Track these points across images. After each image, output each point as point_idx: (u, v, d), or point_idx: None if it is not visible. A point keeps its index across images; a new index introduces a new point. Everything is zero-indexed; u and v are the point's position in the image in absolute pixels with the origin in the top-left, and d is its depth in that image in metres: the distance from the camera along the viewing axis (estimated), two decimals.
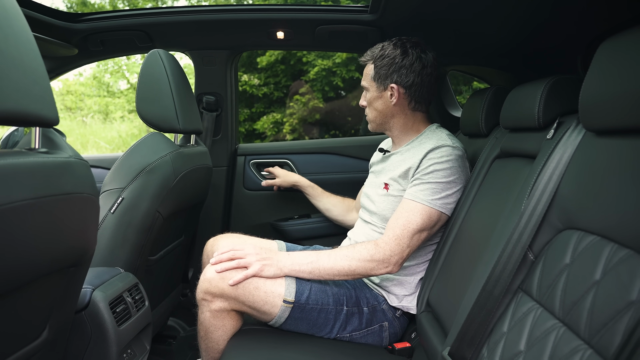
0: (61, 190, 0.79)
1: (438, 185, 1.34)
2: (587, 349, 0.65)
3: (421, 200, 1.33)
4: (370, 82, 1.48)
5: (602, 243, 0.71)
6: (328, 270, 1.31)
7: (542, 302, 0.80)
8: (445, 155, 1.36)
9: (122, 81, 12.12)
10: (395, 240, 1.31)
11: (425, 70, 1.42)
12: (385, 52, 1.43)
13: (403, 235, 1.31)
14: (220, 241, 1.66)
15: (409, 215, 1.33)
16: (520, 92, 1.23)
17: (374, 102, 1.48)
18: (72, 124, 10.40)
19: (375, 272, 1.32)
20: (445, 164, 1.35)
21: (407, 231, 1.32)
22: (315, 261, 1.32)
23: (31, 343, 0.88)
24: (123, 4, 11.33)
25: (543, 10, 1.25)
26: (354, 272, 1.31)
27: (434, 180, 1.34)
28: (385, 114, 1.49)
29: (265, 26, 1.87)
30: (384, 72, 1.43)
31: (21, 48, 0.71)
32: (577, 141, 0.88)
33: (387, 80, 1.43)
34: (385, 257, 1.30)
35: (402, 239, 1.31)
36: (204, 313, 1.35)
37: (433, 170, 1.35)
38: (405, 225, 1.32)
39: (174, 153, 1.51)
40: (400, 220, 1.33)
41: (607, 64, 0.77)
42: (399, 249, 1.31)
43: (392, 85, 1.43)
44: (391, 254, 1.30)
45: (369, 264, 1.30)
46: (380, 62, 1.43)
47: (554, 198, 0.87)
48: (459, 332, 0.96)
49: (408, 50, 1.42)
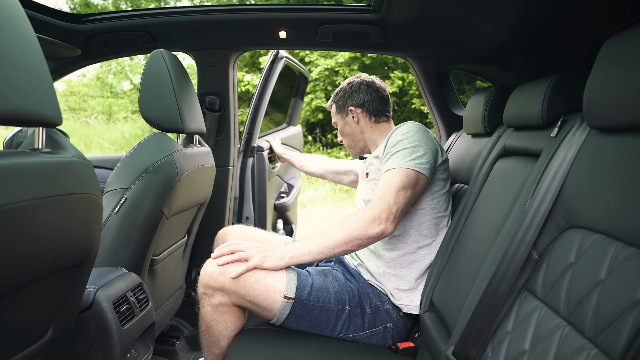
0: (65, 191, 0.79)
1: (405, 151, 1.42)
2: (593, 348, 0.65)
3: (394, 166, 1.40)
4: (336, 117, 1.75)
5: (607, 242, 0.70)
6: (326, 244, 1.34)
7: (547, 301, 0.79)
8: (405, 130, 1.48)
9: (125, 82, 12.17)
10: (380, 199, 1.36)
11: (370, 89, 1.68)
12: (337, 90, 1.74)
13: (386, 194, 1.36)
14: (231, 231, 1.73)
15: (388, 179, 1.39)
16: (524, 90, 1.22)
17: (344, 129, 1.73)
18: (75, 125, 10.43)
19: (370, 231, 1.33)
20: (406, 134, 1.46)
21: (389, 189, 1.36)
22: (312, 241, 1.36)
23: (35, 343, 0.88)
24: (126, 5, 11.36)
25: (546, 9, 1.25)
26: (349, 237, 1.33)
27: (401, 148, 1.43)
28: (355, 134, 1.71)
29: (267, 26, 1.87)
30: (342, 103, 1.71)
31: (25, 49, 0.71)
32: (582, 139, 0.88)
33: (346, 107, 1.70)
34: (375, 214, 1.33)
35: (385, 196, 1.36)
36: (205, 307, 1.36)
37: (397, 142, 1.45)
38: (387, 187, 1.37)
39: (177, 153, 1.51)
40: (381, 185, 1.39)
41: (612, 61, 0.76)
42: (385, 204, 1.34)
43: (350, 109, 1.68)
44: (379, 211, 1.33)
45: (362, 224, 1.33)
46: (337, 98, 1.73)
47: (558, 197, 0.86)
48: (463, 332, 0.95)
49: (353, 81, 1.71)
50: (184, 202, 1.62)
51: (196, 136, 1.81)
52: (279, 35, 1.89)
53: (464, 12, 1.46)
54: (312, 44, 1.95)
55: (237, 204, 2.42)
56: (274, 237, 1.74)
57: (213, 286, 1.32)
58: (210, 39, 2.00)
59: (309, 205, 6.07)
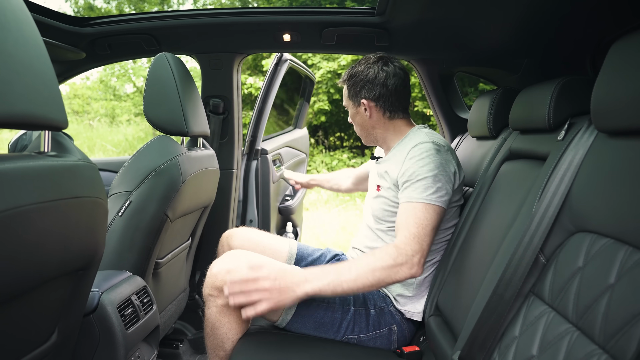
0: (70, 194, 0.79)
1: (427, 181, 1.33)
2: (602, 354, 0.64)
3: (418, 199, 1.32)
4: (347, 102, 1.58)
5: (616, 246, 0.70)
6: (352, 285, 1.23)
7: (555, 306, 0.79)
8: (424, 151, 1.37)
9: (128, 85, 12.20)
10: (414, 239, 1.27)
11: (389, 81, 1.47)
12: (353, 72, 1.52)
13: (420, 233, 1.28)
14: (235, 233, 1.72)
15: (416, 213, 1.31)
16: (530, 93, 1.22)
17: (354, 118, 1.58)
18: (79, 128, 10.47)
19: (400, 276, 1.25)
20: (425, 159, 1.35)
21: (423, 228, 1.29)
22: (336, 279, 1.23)
23: (40, 346, 0.88)
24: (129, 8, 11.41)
25: (551, 11, 1.24)
26: (378, 281, 1.24)
27: (422, 177, 1.34)
28: (366, 127, 1.56)
29: (271, 29, 1.87)
30: (354, 91, 1.52)
31: (31, 52, 0.71)
32: (589, 142, 0.87)
33: (358, 97, 1.52)
34: (408, 257, 1.25)
35: (420, 236, 1.28)
36: (211, 309, 1.36)
37: (416, 168, 1.35)
38: (419, 223, 1.29)
39: (181, 156, 1.51)
40: (410, 219, 1.31)
41: (621, 63, 0.76)
42: (419, 246, 1.27)
43: (363, 101, 1.50)
44: (413, 253, 1.26)
45: (393, 269, 1.24)
46: (350, 82, 1.53)
47: (565, 200, 0.86)
48: (470, 336, 0.95)
49: (370, 66, 1.49)
50: (188, 205, 1.62)
51: (200, 139, 1.81)
52: (283, 38, 1.90)
53: (468, 14, 1.45)
54: (316, 46, 1.95)
55: (240, 207, 2.42)
56: (279, 241, 1.73)
57: (219, 287, 1.32)
58: (215, 42, 2.00)
59: (312, 208, 6.07)
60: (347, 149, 9.35)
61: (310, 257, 1.71)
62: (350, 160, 8.74)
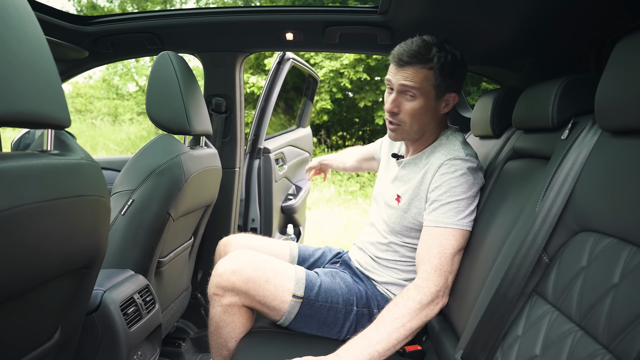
0: (73, 192, 0.79)
1: (459, 204, 1.24)
2: (606, 354, 0.64)
3: (447, 224, 1.24)
4: (427, 90, 1.27)
5: (619, 245, 0.69)
6: (388, 346, 1.14)
7: (558, 305, 0.78)
8: (459, 169, 1.26)
9: (131, 84, 12.23)
10: (435, 272, 1.21)
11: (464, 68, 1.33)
12: (446, 59, 1.26)
13: (442, 263, 1.22)
14: (233, 241, 1.68)
15: (441, 241, 1.23)
16: (533, 92, 1.21)
17: (423, 113, 1.30)
18: (81, 126, 10.50)
19: (431, 315, 1.20)
20: (460, 179, 1.25)
21: (445, 257, 1.22)
22: (369, 346, 1.13)
23: (43, 345, 0.88)
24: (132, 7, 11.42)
25: (554, 10, 1.24)
26: (412, 330, 1.17)
27: (454, 199, 1.24)
28: (425, 123, 1.32)
29: (274, 28, 1.87)
30: (449, 82, 1.28)
31: (34, 50, 0.71)
32: (593, 142, 0.87)
33: (448, 90, 1.29)
34: (433, 295, 1.19)
35: (442, 267, 1.21)
36: (215, 308, 1.37)
37: (449, 187, 1.25)
38: (441, 252, 1.22)
39: (184, 155, 1.51)
40: (433, 248, 1.23)
41: (625, 62, 0.75)
42: (442, 279, 1.21)
43: (452, 95, 1.31)
44: (437, 289, 1.20)
45: (422, 312, 1.18)
46: (447, 71, 1.26)
47: (569, 199, 0.85)
48: (472, 335, 0.94)
49: (455, 53, 1.28)
50: (190, 204, 1.62)
51: (203, 138, 1.81)
52: (286, 37, 1.89)
53: (470, 13, 1.45)
54: (319, 45, 1.95)
55: (243, 206, 2.42)
56: (278, 245, 1.70)
57: (224, 286, 1.33)
58: (217, 41, 2.00)
59: (314, 207, 6.07)
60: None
61: (312, 257, 1.71)
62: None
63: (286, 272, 1.38)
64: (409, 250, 1.41)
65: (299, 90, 3.31)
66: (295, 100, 3.34)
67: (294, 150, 2.94)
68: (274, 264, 1.39)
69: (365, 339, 1.14)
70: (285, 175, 2.77)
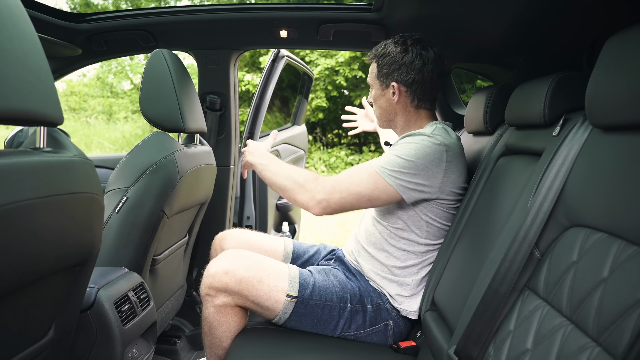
0: (66, 190, 0.79)
1: (396, 159, 1.28)
2: (595, 347, 0.64)
3: (374, 164, 1.30)
4: (374, 80, 1.49)
5: (609, 240, 0.70)
6: (272, 177, 1.38)
7: (549, 300, 0.79)
8: (418, 140, 1.31)
9: (125, 82, 12.17)
10: (333, 182, 1.29)
11: (426, 67, 1.40)
12: (387, 51, 1.43)
13: (342, 182, 1.28)
14: (229, 236, 1.69)
15: (359, 171, 1.30)
16: (525, 89, 1.22)
17: (378, 99, 1.50)
18: (76, 125, 10.45)
19: (299, 198, 1.31)
20: (411, 145, 1.30)
21: (349, 183, 1.28)
22: (267, 165, 1.40)
23: (37, 342, 0.88)
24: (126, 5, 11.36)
25: (548, 8, 1.25)
26: (284, 188, 1.34)
27: (395, 153, 1.30)
28: (388, 111, 1.49)
29: (268, 25, 1.87)
30: (386, 71, 1.44)
31: (26, 48, 0.71)
32: (584, 138, 0.87)
33: (389, 79, 1.43)
34: (315, 192, 1.29)
35: (339, 184, 1.28)
36: (208, 308, 1.36)
37: (398, 148, 1.32)
38: (350, 178, 1.29)
39: (178, 152, 1.51)
40: (349, 171, 1.31)
41: (615, 59, 0.76)
42: (330, 189, 1.28)
43: (394, 84, 1.43)
44: (320, 190, 1.29)
45: (299, 188, 1.31)
46: (382, 61, 1.44)
47: (560, 195, 0.86)
48: (465, 331, 0.95)
49: (408, 48, 1.40)
50: (185, 202, 1.62)
51: (197, 135, 1.81)
52: (280, 34, 1.89)
53: (464, 11, 1.45)
54: (313, 43, 1.95)
55: (238, 204, 2.42)
56: (273, 241, 1.71)
57: (216, 287, 1.32)
58: (211, 38, 2.00)
59: None
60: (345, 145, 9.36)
61: (307, 254, 1.71)
62: (348, 157, 8.75)
63: (280, 271, 1.38)
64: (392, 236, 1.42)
65: (294, 88, 3.31)
66: (290, 98, 3.34)
67: (289, 147, 2.94)
68: (267, 263, 1.39)
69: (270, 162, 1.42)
70: None
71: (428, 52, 1.41)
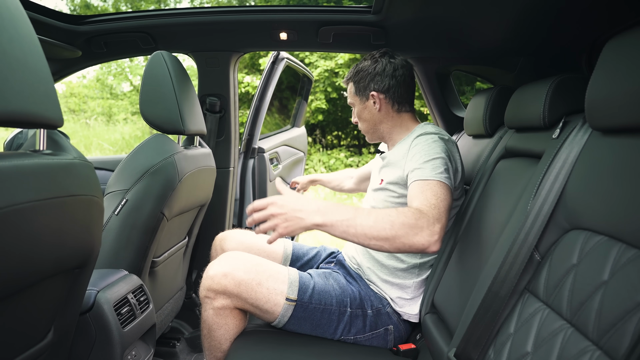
0: (66, 192, 0.79)
1: (435, 162, 1.29)
2: (596, 350, 0.64)
3: (430, 177, 1.25)
4: (354, 98, 1.56)
5: (609, 243, 0.70)
6: (366, 231, 1.10)
7: (549, 302, 0.79)
8: (430, 138, 1.37)
9: (125, 83, 12.17)
10: (434, 207, 1.17)
11: (397, 72, 1.49)
12: (359, 68, 1.53)
13: (439, 204, 1.18)
14: (229, 236, 1.70)
15: (432, 187, 1.22)
16: (525, 91, 1.22)
17: (362, 114, 1.55)
18: (75, 126, 10.44)
19: (417, 240, 1.11)
20: (432, 144, 1.34)
21: (441, 202, 1.19)
22: (352, 219, 1.11)
23: (36, 345, 0.88)
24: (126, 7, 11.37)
25: (547, 11, 1.25)
26: (394, 237, 1.10)
27: (429, 158, 1.30)
28: (374, 122, 1.54)
29: (268, 27, 1.87)
30: (363, 85, 1.51)
31: (26, 50, 0.71)
32: (584, 140, 0.87)
33: (367, 91, 1.51)
34: (430, 222, 1.12)
35: (440, 208, 1.17)
36: (207, 311, 1.36)
37: (423, 152, 1.32)
38: (437, 196, 1.20)
39: (177, 154, 1.51)
40: (427, 192, 1.21)
41: (614, 61, 0.76)
42: (440, 217, 1.15)
43: (372, 93, 1.50)
44: (435, 221, 1.13)
45: (413, 229, 1.11)
46: (357, 77, 1.53)
47: (560, 198, 0.86)
48: (465, 333, 0.95)
49: (378, 60, 1.50)
50: (184, 204, 1.62)
51: (197, 138, 1.81)
52: (280, 36, 1.89)
53: (464, 13, 1.45)
54: (313, 45, 1.95)
55: (237, 206, 2.41)
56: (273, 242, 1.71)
57: (215, 289, 1.32)
58: (211, 41, 2.00)
59: None
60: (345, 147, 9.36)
61: (306, 256, 1.71)
62: (348, 159, 8.75)
63: (279, 274, 1.38)
64: None
65: (294, 90, 3.31)
66: (290, 100, 3.34)
67: (288, 149, 2.94)
68: (266, 266, 1.38)
69: (354, 213, 1.12)
70: (279, 175, 2.77)
71: (396, 60, 1.51)
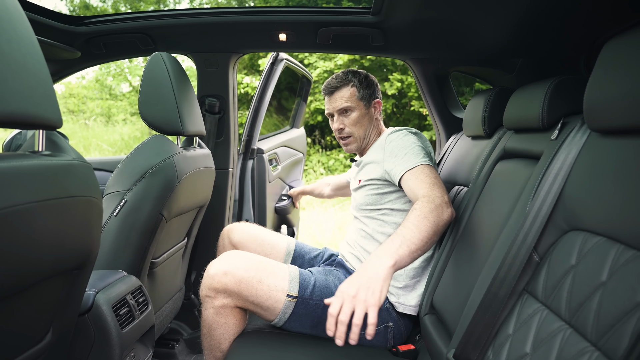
0: (64, 193, 0.79)
1: (414, 150, 1.41)
2: (594, 351, 0.64)
3: (416, 163, 1.37)
4: (355, 102, 1.63)
5: (608, 244, 0.70)
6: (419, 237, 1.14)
7: (548, 303, 0.79)
8: (401, 134, 1.50)
9: (124, 84, 12.17)
10: (433, 186, 1.28)
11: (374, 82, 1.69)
12: (365, 74, 1.67)
13: (435, 182, 1.30)
14: (236, 227, 1.79)
15: (423, 171, 1.34)
16: (524, 92, 1.22)
17: (362, 119, 1.63)
18: (74, 127, 10.44)
19: (445, 215, 1.21)
20: (405, 137, 1.48)
21: (436, 179, 1.32)
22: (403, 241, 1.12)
23: (35, 346, 0.88)
24: (125, 7, 11.37)
25: (546, 12, 1.25)
26: (433, 224, 1.17)
27: (407, 150, 1.42)
28: (370, 127, 1.66)
29: (267, 28, 1.87)
30: (370, 92, 1.65)
31: (24, 51, 0.71)
32: (582, 142, 0.88)
33: (372, 98, 1.65)
34: (439, 198, 1.23)
35: (437, 184, 1.29)
36: (207, 310, 1.36)
37: (399, 147, 1.44)
38: (430, 176, 1.32)
39: (176, 155, 1.51)
40: (420, 177, 1.33)
41: (613, 63, 0.76)
42: (442, 190, 1.28)
43: (378, 101, 1.66)
44: (441, 195, 1.25)
45: (437, 210, 1.20)
46: (364, 84, 1.64)
47: (558, 199, 0.86)
48: (464, 334, 0.95)
49: (364, 73, 1.68)
50: (183, 205, 1.62)
51: (196, 138, 1.81)
52: (279, 37, 1.89)
53: (463, 14, 1.46)
54: (312, 46, 1.95)
55: (236, 207, 2.41)
56: (278, 237, 1.76)
57: (216, 288, 1.33)
58: (210, 42, 2.00)
59: (308, 207, 6.07)
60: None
61: (308, 255, 1.72)
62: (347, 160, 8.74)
63: (280, 271, 1.38)
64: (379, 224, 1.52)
65: (293, 91, 3.31)
66: (289, 101, 3.34)
67: (287, 150, 2.94)
68: (266, 263, 1.39)
69: (398, 236, 1.13)
70: (279, 176, 2.77)
71: None
